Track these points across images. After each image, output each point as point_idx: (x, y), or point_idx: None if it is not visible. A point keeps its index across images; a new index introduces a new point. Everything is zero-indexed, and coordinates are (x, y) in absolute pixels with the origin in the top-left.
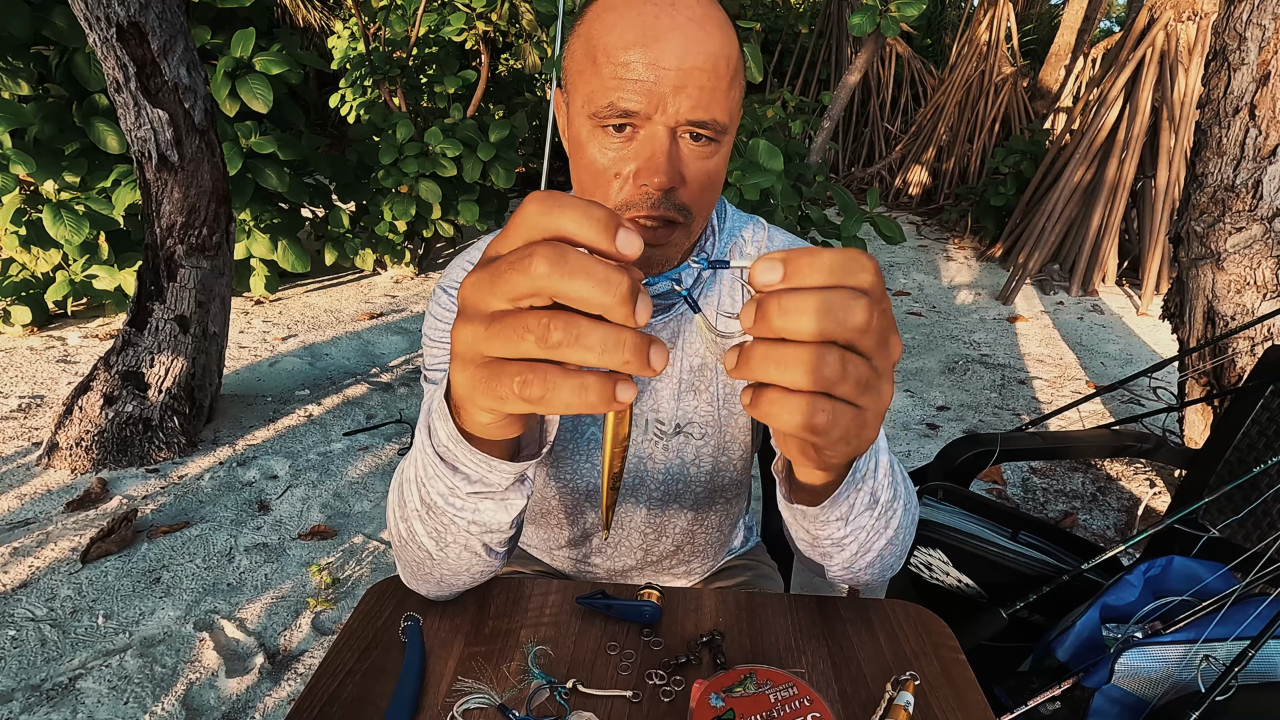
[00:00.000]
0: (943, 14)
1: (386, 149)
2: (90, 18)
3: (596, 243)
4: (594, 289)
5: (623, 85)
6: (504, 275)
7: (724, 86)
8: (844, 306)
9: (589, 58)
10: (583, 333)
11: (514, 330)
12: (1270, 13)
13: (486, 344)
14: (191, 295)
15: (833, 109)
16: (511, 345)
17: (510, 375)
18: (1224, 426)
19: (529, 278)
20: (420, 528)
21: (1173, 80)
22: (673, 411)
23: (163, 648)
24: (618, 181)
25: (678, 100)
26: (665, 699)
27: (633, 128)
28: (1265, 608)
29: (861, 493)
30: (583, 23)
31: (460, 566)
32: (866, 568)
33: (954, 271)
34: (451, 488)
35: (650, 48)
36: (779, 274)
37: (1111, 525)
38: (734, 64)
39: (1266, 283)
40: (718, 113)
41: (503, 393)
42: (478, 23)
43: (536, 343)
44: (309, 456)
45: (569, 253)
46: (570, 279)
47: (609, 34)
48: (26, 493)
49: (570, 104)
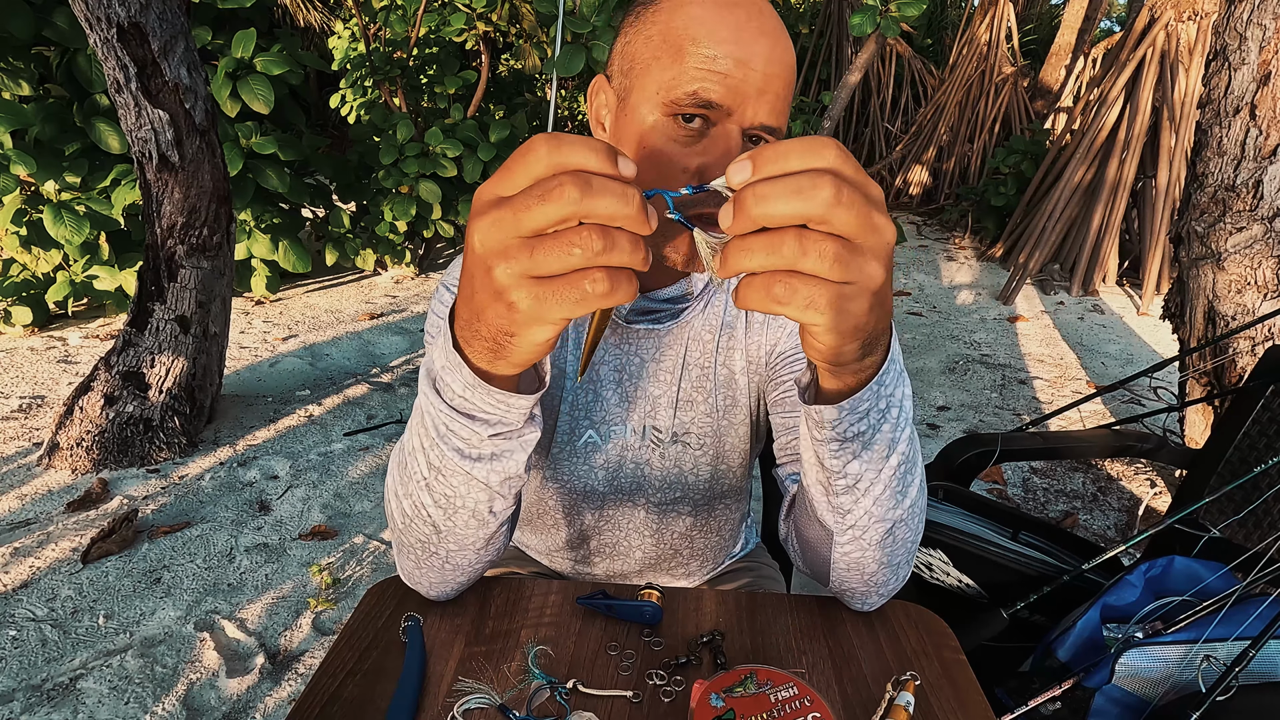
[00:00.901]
0: (943, 14)
1: (387, 149)
2: (91, 18)
3: (604, 168)
4: (617, 203)
5: (709, 77)
6: (533, 207)
7: (787, 96)
8: (811, 185)
9: (671, 46)
10: (616, 238)
11: (562, 248)
12: (1270, 13)
13: (536, 265)
14: (192, 295)
15: (833, 109)
16: (562, 261)
17: (578, 281)
18: (1224, 426)
19: (561, 204)
20: (427, 498)
21: (1173, 80)
22: (669, 420)
23: (163, 648)
24: (683, 176)
25: (759, 103)
26: (665, 699)
27: (706, 121)
28: (1266, 608)
29: (884, 408)
30: (658, 11)
31: (465, 539)
32: (878, 544)
33: (954, 271)
34: (469, 437)
35: (744, 46)
36: (749, 170)
37: (1112, 525)
38: (794, 78)
39: (1267, 283)
40: (781, 121)
41: (576, 295)
42: (478, 23)
43: (583, 255)
44: (309, 457)
45: (592, 178)
46: (598, 199)
47: (698, 26)
48: (27, 493)
49: (632, 93)
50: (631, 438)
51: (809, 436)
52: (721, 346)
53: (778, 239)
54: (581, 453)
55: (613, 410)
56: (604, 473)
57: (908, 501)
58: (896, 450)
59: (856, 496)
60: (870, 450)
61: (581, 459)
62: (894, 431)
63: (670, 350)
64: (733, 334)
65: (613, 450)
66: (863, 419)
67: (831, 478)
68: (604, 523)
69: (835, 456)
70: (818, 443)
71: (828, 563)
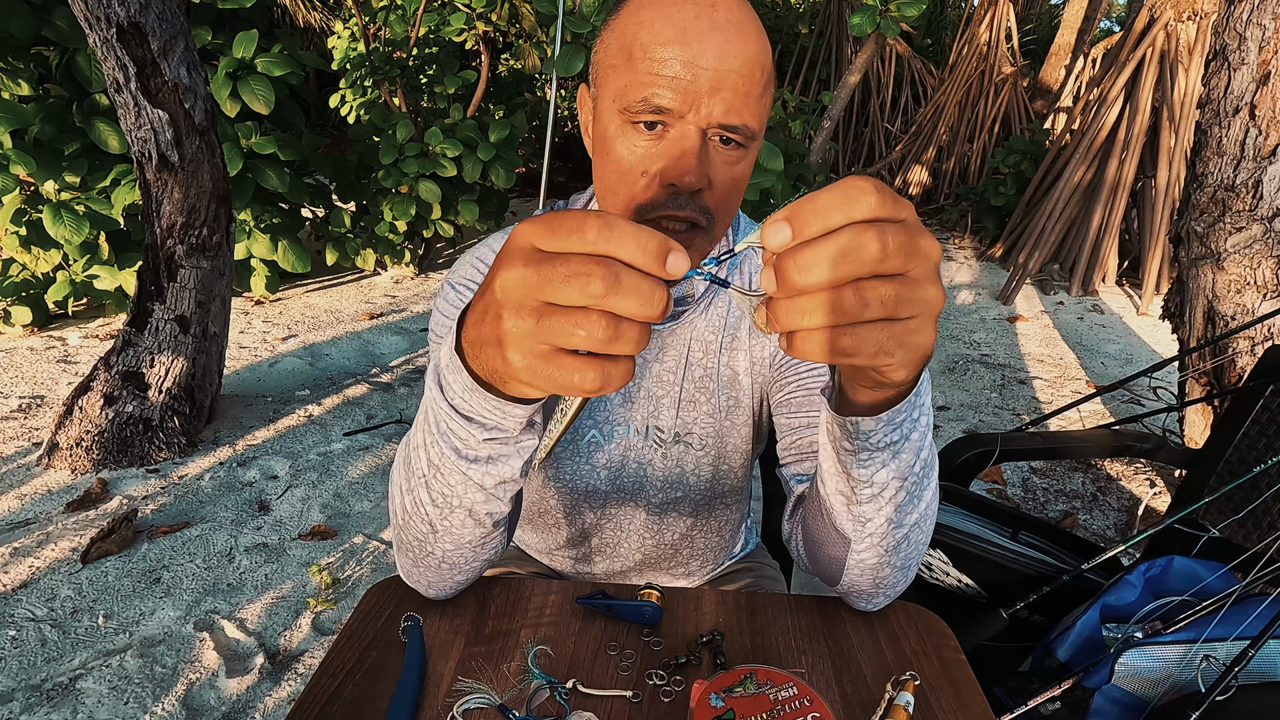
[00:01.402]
0: (943, 14)
1: (386, 149)
2: (90, 18)
3: (649, 267)
4: (639, 305)
5: (657, 81)
6: (558, 286)
7: (756, 92)
8: (856, 246)
9: (624, 52)
10: (623, 331)
11: (569, 327)
12: (1270, 13)
13: (541, 334)
14: (192, 295)
15: (833, 109)
16: (565, 338)
17: (570, 370)
18: (1224, 426)
19: (584, 294)
20: (425, 495)
21: (1173, 80)
22: (672, 420)
23: (163, 648)
24: (644, 180)
25: (712, 101)
26: (665, 699)
27: (664, 126)
28: (1265, 608)
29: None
30: (618, 18)
31: (461, 538)
32: (894, 549)
33: (954, 271)
34: (466, 438)
35: (689, 46)
36: (788, 233)
37: (1111, 525)
38: (768, 71)
39: (1266, 282)
40: (749, 118)
41: (564, 380)
42: (478, 23)
43: (586, 339)
44: (309, 457)
45: (623, 274)
46: (622, 298)
47: (646, 30)
48: (27, 493)
49: (599, 100)
50: (634, 437)
51: (834, 446)
52: (725, 347)
53: (835, 297)
54: (584, 451)
55: (616, 409)
56: (606, 472)
57: (923, 505)
58: (921, 456)
59: (880, 505)
60: (898, 459)
61: (584, 458)
62: (922, 438)
63: (673, 350)
64: (736, 335)
65: (615, 449)
66: (897, 429)
67: (857, 487)
68: (605, 521)
69: (863, 466)
70: (845, 452)
71: (837, 564)
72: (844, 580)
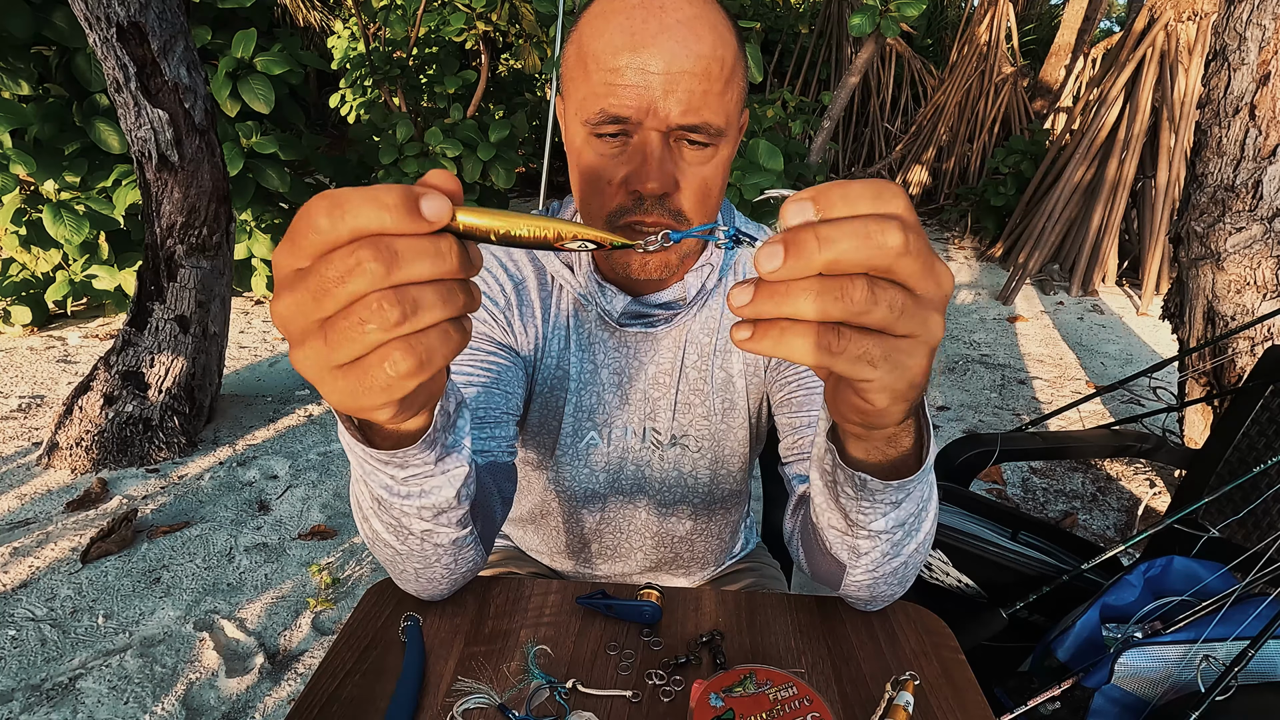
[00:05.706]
0: (943, 14)
1: (386, 149)
2: (90, 18)
3: (402, 225)
4: (432, 263)
5: (612, 91)
6: (332, 290)
7: (716, 89)
8: (880, 231)
9: (581, 64)
10: (417, 299)
11: (353, 328)
12: (1270, 13)
13: (334, 354)
14: (191, 295)
15: (833, 109)
16: (358, 342)
17: (376, 367)
18: (1224, 427)
19: (370, 285)
20: (379, 524)
21: (1173, 80)
22: (668, 423)
23: (163, 648)
24: (610, 188)
25: (667, 104)
26: (665, 699)
27: (625, 134)
28: (1265, 608)
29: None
30: (576, 28)
31: (429, 557)
32: (890, 575)
33: (954, 271)
34: (387, 481)
35: (638, 52)
36: (811, 211)
37: (1111, 525)
38: (728, 65)
39: (1266, 283)
40: (710, 115)
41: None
42: (478, 23)
43: (380, 329)
44: (309, 456)
45: (395, 243)
46: (409, 265)
47: (598, 40)
48: (26, 493)
49: (567, 111)
50: (632, 440)
51: (832, 492)
52: (719, 350)
53: (847, 285)
54: (583, 454)
55: (614, 413)
56: (605, 475)
57: (922, 535)
58: (922, 499)
59: (877, 543)
60: (900, 508)
61: (583, 461)
62: (928, 488)
63: (668, 353)
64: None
65: (614, 452)
66: (901, 489)
67: (855, 529)
68: (605, 525)
69: (863, 513)
70: (848, 499)
71: (834, 578)
72: (841, 591)
